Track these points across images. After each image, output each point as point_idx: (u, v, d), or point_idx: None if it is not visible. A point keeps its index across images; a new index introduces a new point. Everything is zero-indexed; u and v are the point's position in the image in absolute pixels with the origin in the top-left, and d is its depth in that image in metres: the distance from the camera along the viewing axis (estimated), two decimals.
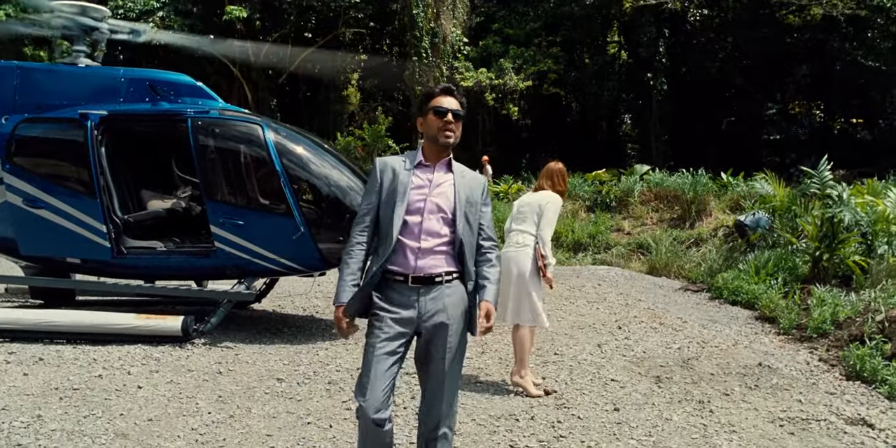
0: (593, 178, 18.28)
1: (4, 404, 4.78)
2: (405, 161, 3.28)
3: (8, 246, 7.18)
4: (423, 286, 3.15)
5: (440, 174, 3.26)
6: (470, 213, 3.23)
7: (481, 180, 3.37)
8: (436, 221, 3.17)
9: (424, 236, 3.15)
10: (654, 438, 4.45)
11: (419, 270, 3.14)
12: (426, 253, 3.15)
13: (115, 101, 7.01)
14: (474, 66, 24.42)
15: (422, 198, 3.18)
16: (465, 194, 3.23)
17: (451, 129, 3.18)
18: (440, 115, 3.16)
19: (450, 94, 3.22)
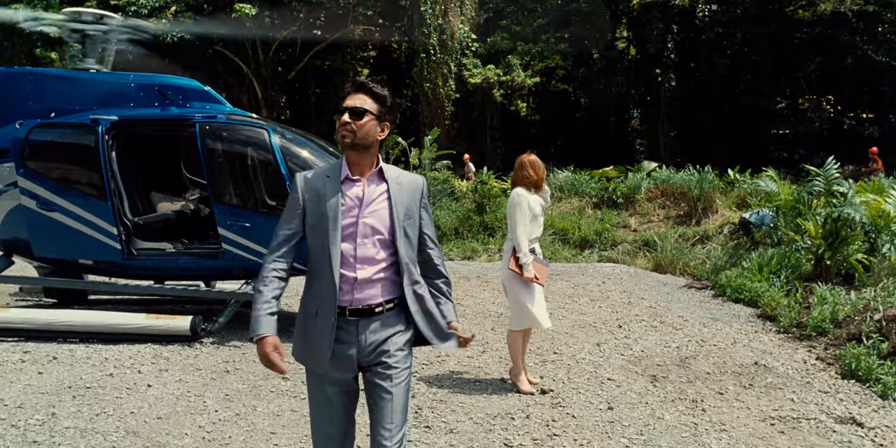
0: (600, 175, 18.34)
1: (20, 402, 4.98)
2: (328, 177, 2.88)
3: (23, 247, 7.39)
4: (361, 318, 2.84)
5: (371, 188, 2.88)
6: (409, 227, 2.91)
7: (419, 183, 3.01)
8: (371, 246, 2.83)
9: (361, 265, 2.81)
10: (646, 437, 4.59)
11: (357, 302, 2.82)
12: (364, 284, 2.81)
13: (125, 106, 7.19)
14: (482, 62, 24.55)
15: (352, 220, 2.82)
16: (404, 207, 2.90)
17: (348, 129, 2.80)
18: (338, 116, 2.86)
19: (359, 91, 2.88)
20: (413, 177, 3.01)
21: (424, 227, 3.02)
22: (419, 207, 2.97)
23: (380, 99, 2.87)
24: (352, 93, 2.87)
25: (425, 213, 3.02)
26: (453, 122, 25.77)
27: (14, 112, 7.25)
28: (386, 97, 2.90)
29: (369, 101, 2.84)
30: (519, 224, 5.40)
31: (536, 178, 5.61)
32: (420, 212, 2.98)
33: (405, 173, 3.00)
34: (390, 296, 2.89)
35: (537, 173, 5.62)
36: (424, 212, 3.01)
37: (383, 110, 2.88)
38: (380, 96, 2.87)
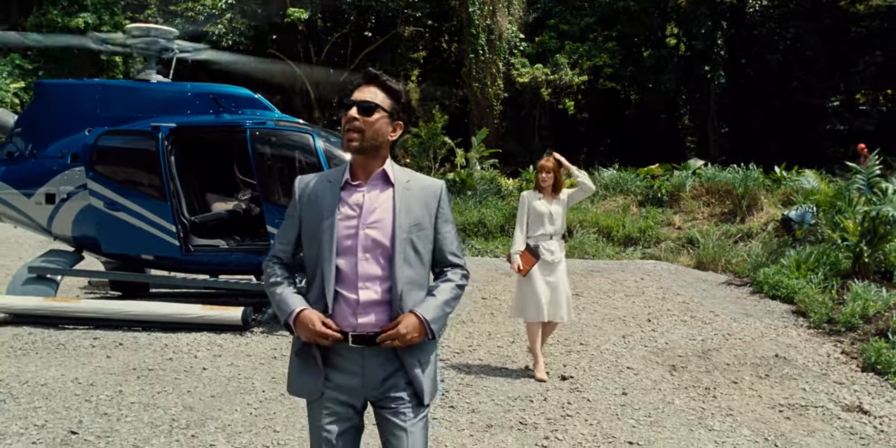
0: (645, 173, 18.47)
1: (92, 381, 5.58)
2: (329, 181, 2.54)
3: (91, 244, 8.06)
4: (366, 347, 2.46)
5: (374, 193, 2.51)
6: (418, 241, 2.50)
7: (435, 189, 2.59)
8: (375, 262, 2.45)
9: (363, 284, 2.44)
10: (653, 419, 4.93)
11: (360, 328, 2.44)
12: (368, 306, 2.44)
13: (183, 114, 7.78)
14: (530, 62, 24.79)
15: (351, 232, 2.46)
16: (412, 216, 2.50)
17: (354, 128, 2.44)
18: (344, 110, 2.48)
19: (370, 83, 2.52)
20: (428, 181, 2.61)
21: (445, 243, 2.59)
22: (433, 218, 2.56)
23: (393, 94, 2.51)
24: (362, 85, 2.51)
25: (445, 226, 2.59)
26: (502, 121, 26.07)
27: (84, 120, 7.91)
28: (401, 92, 2.53)
29: (381, 96, 2.49)
30: (516, 222, 6.07)
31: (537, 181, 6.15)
32: (436, 223, 2.57)
33: (419, 177, 2.61)
34: None
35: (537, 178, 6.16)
36: (444, 224, 2.59)
37: (397, 107, 2.52)
38: (394, 91, 2.51)
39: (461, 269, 2.63)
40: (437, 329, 2.50)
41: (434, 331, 2.48)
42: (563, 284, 6.01)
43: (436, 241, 2.58)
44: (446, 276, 2.59)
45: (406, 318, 2.42)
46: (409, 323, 2.41)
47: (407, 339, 2.40)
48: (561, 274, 6.02)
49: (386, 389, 2.50)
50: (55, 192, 7.96)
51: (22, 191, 8.08)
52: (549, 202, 6.04)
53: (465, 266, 2.65)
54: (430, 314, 2.45)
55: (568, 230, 15.56)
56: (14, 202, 8.19)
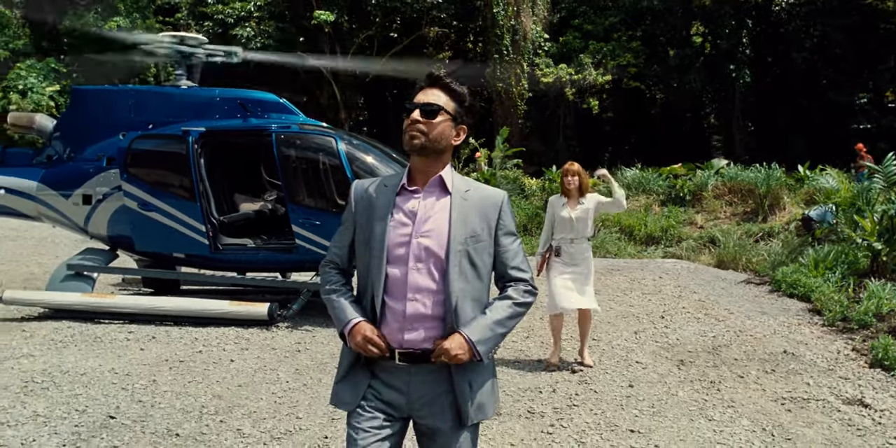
0: (668, 172, 18.57)
1: (128, 371, 5.94)
2: (386, 186, 2.48)
3: (126, 243, 8.45)
4: (412, 365, 2.38)
5: (430, 201, 2.42)
6: (475, 254, 2.40)
7: (496, 199, 2.48)
8: (427, 274, 2.36)
9: (412, 295, 2.35)
10: (656, 409, 5.16)
11: (408, 344, 2.36)
12: (416, 320, 2.35)
13: (212, 118, 8.14)
14: (554, 62, 24.98)
15: (404, 239, 2.37)
16: (468, 226, 2.40)
17: (418, 129, 2.37)
18: (406, 114, 2.41)
19: (434, 86, 2.45)
20: (489, 191, 2.51)
21: (506, 256, 2.48)
22: (493, 230, 2.45)
23: (458, 97, 2.44)
24: (425, 88, 2.44)
25: (507, 239, 2.48)
26: (526, 120, 26.28)
27: (118, 125, 8.29)
28: (465, 96, 2.46)
29: (445, 98, 2.41)
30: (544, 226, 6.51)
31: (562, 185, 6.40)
32: (496, 236, 2.46)
33: (480, 186, 2.52)
34: None
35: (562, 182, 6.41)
36: (505, 236, 2.48)
37: (461, 111, 2.45)
38: (458, 94, 2.44)
39: (524, 284, 2.48)
40: (486, 351, 2.37)
41: (481, 353, 2.35)
42: (586, 280, 6.30)
43: (496, 255, 2.46)
44: (506, 292, 2.47)
45: (453, 336, 2.33)
46: (455, 341, 2.32)
47: (452, 357, 2.31)
48: (584, 272, 6.28)
49: (430, 412, 2.39)
50: (91, 194, 8.35)
51: (60, 192, 8.49)
52: (572, 207, 6.25)
53: (530, 280, 2.50)
54: (476, 335, 2.34)
55: None
56: (53, 203, 8.60)
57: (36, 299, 7.98)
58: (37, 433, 4.61)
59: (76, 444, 4.44)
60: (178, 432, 4.64)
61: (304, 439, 4.54)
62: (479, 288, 2.41)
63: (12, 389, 5.46)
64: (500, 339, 2.43)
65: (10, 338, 7.02)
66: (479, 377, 2.44)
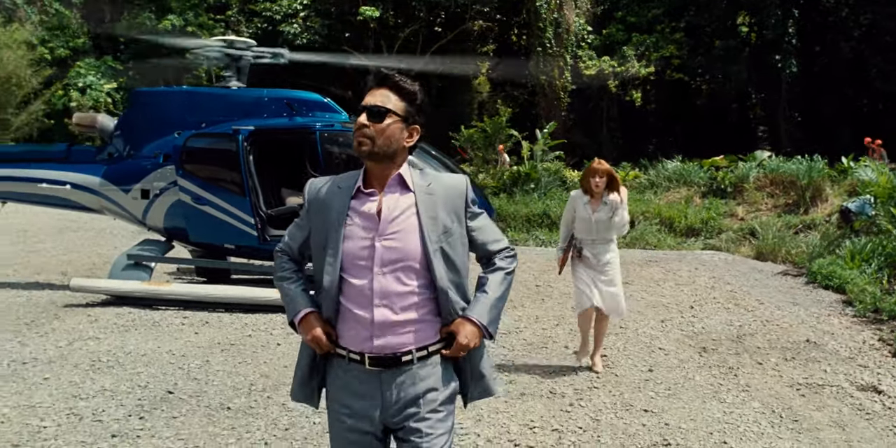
0: (709, 164, 18.63)
1: (184, 353, 6.48)
2: (339, 187, 2.40)
3: (181, 234, 9.02)
4: (384, 370, 2.32)
5: (391, 200, 2.34)
6: (450, 247, 2.35)
7: (459, 186, 2.44)
8: (394, 279, 2.28)
9: (379, 301, 2.27)
10: (671, 392, 5.48)
11: (378, 349, 2.29)
12: (386, 327, 2.28)
13: (260, 117, 8.62)
14: (597, 54, 25.08)
15: (366, 244, 2.29)
16: (439, 222, 2.34)
17: (364, 134, 2.30)
18: (355, 117, 2.35)
19: (382, 85, 2.36)
20: (450, 179, 2.47)
21: (482, 236, 2.48)
22: (463, 218, 2.41)
23: (408, 96, 2.35)
24: (373, 88, 2.37)
25: (478, 221, 2.46)
26: (569, 113, 26.43)
27: (174, 124, 8.84)
28: (416, 93, 2.37)
29: (394, 99, 2.33)
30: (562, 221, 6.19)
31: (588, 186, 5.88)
32: (466, 222, 2.43)
33: (440, 177, 2.48)
34: (426, 341, 2.35)
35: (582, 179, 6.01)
36: (476, 219, 2.46)
37: (411, 110, 2.36)
38: (408, 93, 2.35)
39: (506, 252, 2.52)
40: (495, 329, 2.41)
41: (492, 332, 2.39)
42: (611, 282, 5.92)
43: (472, 239, 2.45)
44: (494, 264, 2.49)
45: (462, 327, 2.33)
46: (468, 332, 2.33)
47: (469, 349, 2.35)
48: (609, 272, 5.93)
49: (405, 418, 2.33)
50: (149, 189, 8.92)
51: (121, 187, 9.08)
52: (594, 208, 5.85)
53: (509, 246, 2.54)
54: (485, 317, 2.37)
55: (630, 222, 15.92)
56: (114, 197, 9.20)
57: (100, 287, 8.59)
58: (105, 405, 5.15)
59: (140, 415, 4.96)
60: (230, 406, 5.13)
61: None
62: (458, 280, 2.38)
63: (82, 367, 6.03)
64: (501, 312, 2.48)
65: (77, 322, 7.63)
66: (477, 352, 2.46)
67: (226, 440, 4.56)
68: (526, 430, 4.72)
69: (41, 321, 7.64)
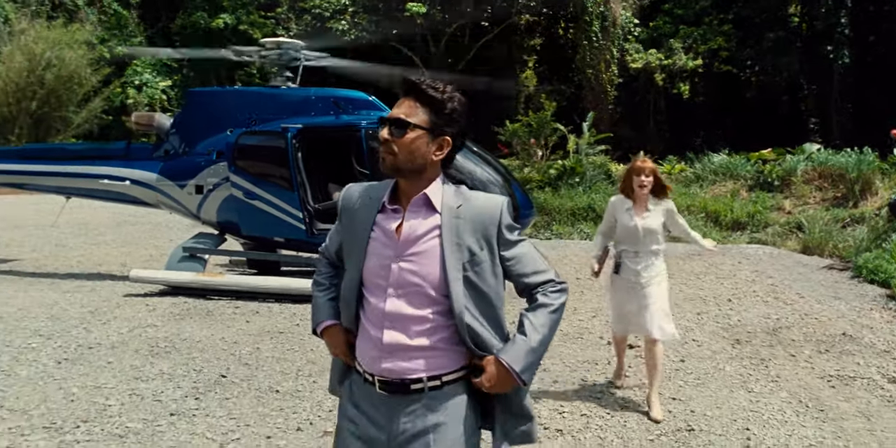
0: (757, 157, 18.47)
1: (235, 340, 6.87)
2: (370, 198, 2.28)
3: (233, 228, 9.43)
4: (391, 395, 2.19)
5: (414, 222, 2.19)
6: (479, 275, 2.17)
7: (494, 209, 2.22)
8: (406, 301, 2.15)
9: (389, 323, 2.16)
10: (700, 381, 5.65)
11: (387, 373, 2.18)
12: (395, 350, 2.16)
13: (308, 115, 8.96)
14: (644, 47, 24.94)
15: (384, 263, 2.17)
16: (464, 249, 2.15)
17: (387, 149, 2.16)
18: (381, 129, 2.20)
19: (408, 94, 2.18)
20: (484, 201, 2.24)
21: (520, 267, 2.25)
22: (496, 246, 2.20)
23: (436, 105, 2.16)
24: (402, 97, 2.21)
25: (514, 249, 2.24)
26: (616, 106, 26.35)
27: (226, 122, 9.24)
28: (444, 102, 2.16)
29: (419, 110, 2.15)
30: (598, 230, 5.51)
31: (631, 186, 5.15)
32: (501, 251, 2.22)
33: (474, 197, 2.24)
34: (441, 370, 2.19)
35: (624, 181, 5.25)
36: (513, 248, 2.23)
37: (439, 121, 2.16)
38: (436, 101, 2.15)
39: (551, 286, 2.27)
40: (531, 376, 2.19)
41: (526, 380, 2.17)
42: (655, 301, 5.10)
43: (508, 269, 2.24)
44: (536, 299, 2.24)
45: (490, 365, 2.14)
46: (494, 374, 2.14)
47: (490, 390, 2.16)
48: (652, 292, 5.09)
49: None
50: (203, 184, 9.35)
51: (177, 183, 9.53)
52: (639, 214, 5.09)
53: (555, 277, 2.29)
54: (520, 363, 2.14)
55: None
56: (170, 192, 9.66)
57: (157, 278, 9.06)
58: (163, 386, 5.55)
59: (195, 396, 5.34)
60: (279, 389, 5.48)
61: None
62: (489, 313, 2.20)
63: (142, 352, 6.46)
64: (541, 359, 2.24)
65: (136, 310, 8.09)
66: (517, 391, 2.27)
67: (274, 420, 4.90)
68: (556, 415, 4.96)
69: (104, 309, 8.12)
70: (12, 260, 11.59)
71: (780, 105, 28.82)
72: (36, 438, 4.59)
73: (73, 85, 27.90)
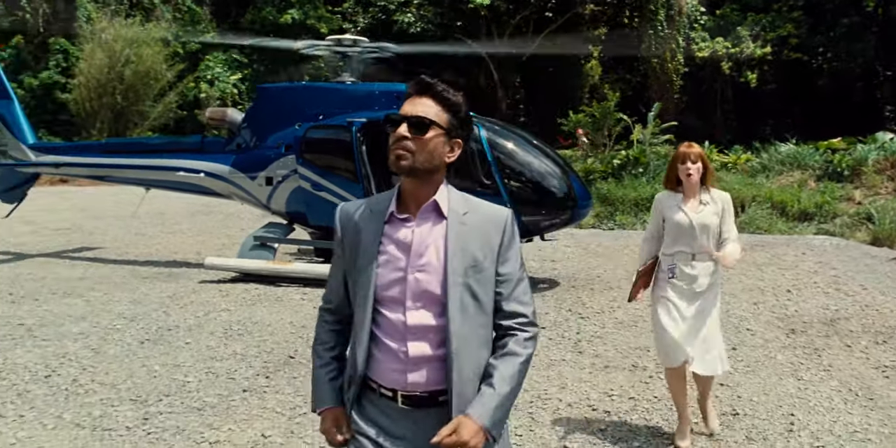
0: (826, 146, 18.07)
1: (303, 324, 7.27)
2: (372, 211, 2.21)
3: (301, 218, 9.86)
4: (417, 409, 2.15)
5: (424, 229, 2.14)
6: (479, 285, 2.12)
7: (500, 220, 2.18)
8: (427, 312, 2.11)
9: (414, 336, 2.11)
10: (750, 368, 5.76)
11: (412, 386, 2.13)
12: (420, 362, 2.12)
13: (371, 110, 9.30)
14: (711, 35, 24.59)
15: (399, 275, 2.12)
16: (468, 256, 2.11)
17: (405, 147, 2.08)
18: (392, 127, 2.13)
19: (423, 94, 2.14)
20: (491, 211, 2.21)
21: (506, 286, 2.17)
22: (496, 255, 2.16)
23: (452, 107, 2.13)
24: (413, 96, 2.16)
25: (511, 266, 2.18)
26: (682, 95, 26.05)
27: (294, 117, 9.66)
28: (460, 105, 2.15)
29: (436, 109, 2.11)
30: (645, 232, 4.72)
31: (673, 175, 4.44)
32: (499, 261, 2.16)
33: (482, 205, 2.22)
34: None
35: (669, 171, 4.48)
36: (509, 263, 2.18)
37: (455, 123, 2.14)
38: (452, 103, 2.13)
39: (527, 329, 2.18)
40: (500, 432, 2.12)
41: (496, 436, 2.10)
42: (709, 321, 4.37)
43: (496, 284, 2.16)
44: (507, 345, 2.15)
45: (463, 426, 2.02)
46: (470, 431, 2.02)
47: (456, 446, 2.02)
48: (706, 306, 4.38)
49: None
50: (273, 176, 9.79)
51: (248, 175, 10.00)
52: (693, 208, 4.35)
53: (533, 320, 2.20)
54: (488, 419, 2.05)
55: (741, 205, 15.74)
56: (241, 184, 10.14)
57: (230, 265, 9.56)
58: (237, 366, 5.98)
59: (266, 375, 5.74)
60: None
61: None
62: (483, 323, 2.15)
63: (216, 334, 6.91)
64: (510, 409, 2.17)
65: (211, 296, 8.58)
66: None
67: None
68: (605, 398, 5.17)
69: (181, 294, 8.64)
70: (96, 248, 12.33)
71: (853, 92, 27.99)
72: (124, 409, 5.04)
73: (150, 80, 29.06)
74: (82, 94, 28.16)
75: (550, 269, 10.22)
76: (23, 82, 28.37)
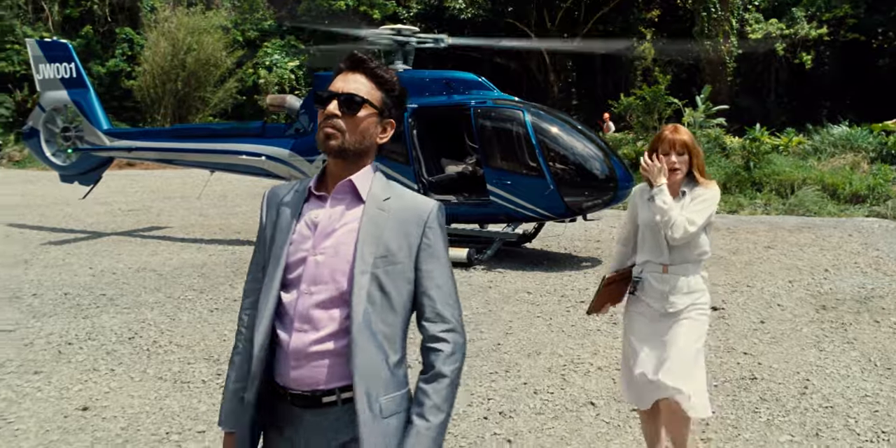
0: (880, 128, 17.90)
1: None
2: (297, 190, 2.07)
3: None
4: (303, 409, 1.97)
5: (336, 210, 1.99)
6: (388, 277, 1.93)
7: (422, 212, 2.01)
8: (318, 301, 1.92)
9: (300, 326, 1.92)
10: (775, 340, 6.10)
11: (296, 384, 1.94)
12: (304, 356, 1.92)
13: (422, 96, 9.77)
14: (765, 17, 24.33)
15: (301, 256, 1.96)
16: (381, 245, 1.93)
17: (334, 125, 1.94)
18: (320, 105, 1.97)
19: (355, 69, 2.00)
20: (415, 201, 2.04)
21: (429, 285, 1.98)
22: (415, 250, 1.97)
23: (385, 85, 2.02)
24: (345, 71, 2.01)
25: (431, 263, 1.99)
26: (735, 78, 25.86)
27: None
28: (394, 83, 2.04)
29: (369, 86, 1.99)
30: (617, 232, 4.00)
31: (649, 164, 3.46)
32: (419, 258, 1.98)
33: (406, 194, 2.05)
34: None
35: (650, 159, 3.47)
36: (430, 260, 1.99)
37: (388, 102, 2.04)
38: (386, 81, 2.02)
39: (451, 340, 1.96)
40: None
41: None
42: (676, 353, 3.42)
43: (416, 282, 1.98)
44: (435, 365, 1.93)
45: None
46: None
47: None
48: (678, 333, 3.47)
49: None
50: None
51: (306, 158, 10.60)
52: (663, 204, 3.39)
53: (456, 327, 1.99)
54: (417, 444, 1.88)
55: (790, 187, 15.77)
56: (300, 166, 10.75)
57: None
58: None
59: None
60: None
61: (482, 345, 6.09)
62: (390, 322, 1.93)
63: None
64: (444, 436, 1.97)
65: None
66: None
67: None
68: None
69: (244, 270, 9.23)
70: (165, 227, 13.14)
71: None
72: (199, 366, 5.67)
73: (211, 67, 30.09)
74: (147, 81, 29.36)
75: (594, 248, 10.59)
76: (91, 70, 29.64)
